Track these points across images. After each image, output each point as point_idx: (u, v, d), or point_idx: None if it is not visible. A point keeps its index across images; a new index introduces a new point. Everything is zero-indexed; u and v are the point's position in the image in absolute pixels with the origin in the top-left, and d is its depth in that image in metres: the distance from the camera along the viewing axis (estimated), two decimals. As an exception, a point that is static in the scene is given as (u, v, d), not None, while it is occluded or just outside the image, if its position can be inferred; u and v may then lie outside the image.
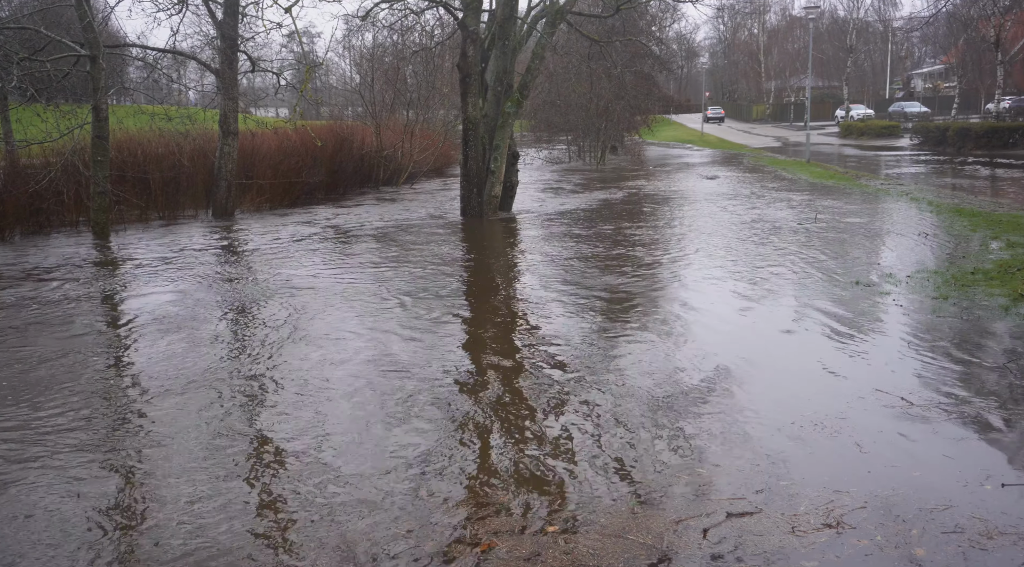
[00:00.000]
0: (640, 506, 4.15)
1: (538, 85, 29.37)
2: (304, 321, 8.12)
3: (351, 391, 6.02)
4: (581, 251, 12.10)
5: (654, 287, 9.60)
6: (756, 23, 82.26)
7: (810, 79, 34.42)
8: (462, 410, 5.63)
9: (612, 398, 5.75)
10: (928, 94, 68.68)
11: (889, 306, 8.15)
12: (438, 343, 7.30)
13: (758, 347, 7.01)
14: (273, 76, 19.55)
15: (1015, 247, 10.77)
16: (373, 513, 4.15)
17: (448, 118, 29.73)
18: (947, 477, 4.40)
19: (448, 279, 10.27)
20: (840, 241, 12.07)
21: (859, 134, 44.99)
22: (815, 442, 4.90)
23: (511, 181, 17.37)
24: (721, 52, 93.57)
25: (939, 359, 6.43)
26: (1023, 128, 32.52)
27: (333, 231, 14.76)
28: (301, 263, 11.44)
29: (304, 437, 5.15)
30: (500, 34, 16.27)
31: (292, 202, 19.43)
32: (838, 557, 3.63)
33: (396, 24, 22.93)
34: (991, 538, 3.77)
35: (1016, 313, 7.63)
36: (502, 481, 4.51)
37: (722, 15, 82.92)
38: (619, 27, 26.60)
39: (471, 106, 16.25)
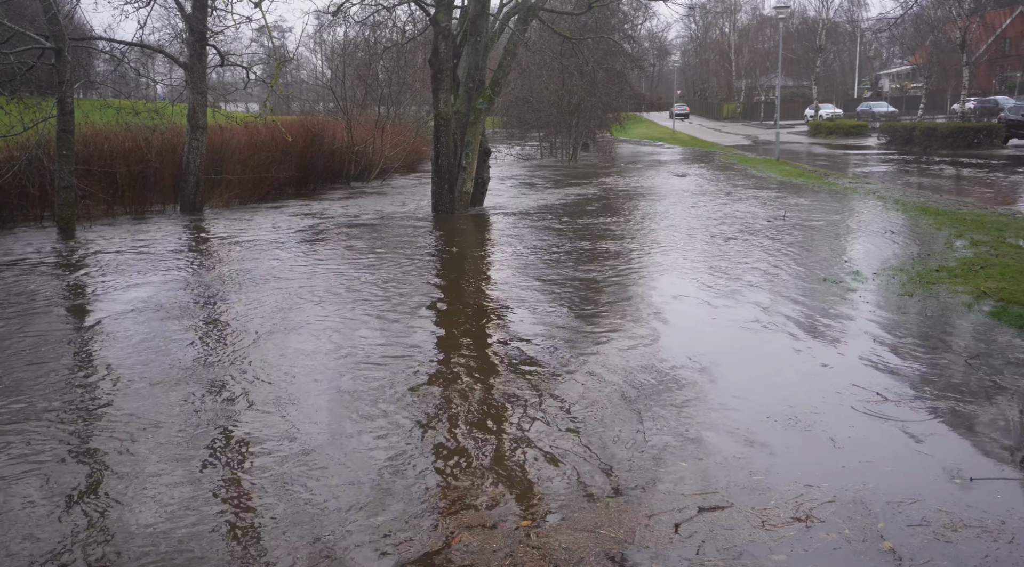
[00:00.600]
0: (614, 501, 4.16)
1: (510, 82, 29.38)
2: (273, 317, 8.05)
3: (321, 387, 5.98)
4: (552, 247, 12.11)
5: (625, 283, 9.64)
6: (727, 22, 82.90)
7: (780, 78, 34.73)
8: (433, 406, 5.61)
9: (584, 394, 5.76)
10: (895, 94, 69.62)
11: (856, 303, 8.25)
12: (409, 339, 7.27)
13: (728, 343, 7.05)
14: (243, 70, 19.36)
15: (978, 245, 10.95)
16: (342, 507, 4.12)
17: (420, 114, 29.65)
18: (918, 472, 4.45)
19: (419, 275, 10.23)
20: (808, 238, 12.19)
21: (828, 133, 45.48)
22: (789, 437, 4.94)
23: (483, 177, 17.35)
24: (692, 50, 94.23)
25: (906, 355, 6.51)
26: (987, 128, 33.05)
27: (303, 227, 14.65)
28: (270, 259, 11.34)
29: (273, 431, 5.10)
30: (472, 30, 16.23)
31: (262, 198, 19.26)
32: (806, 551, 3.67)
33: (367, 19, 22.79)
34: (956, 531, 3.82)
35: (978, 310, 7.75)
36: (473, 476, 4.50)
37: (693, 14, 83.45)
38: (591, 24, 26.67)
39: (443, 102, 16.19)
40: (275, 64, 16.71)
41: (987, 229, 12.23)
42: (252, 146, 19.12)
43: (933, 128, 33.84)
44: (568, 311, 8.30)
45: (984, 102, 45.60)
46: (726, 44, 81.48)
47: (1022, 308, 7.55)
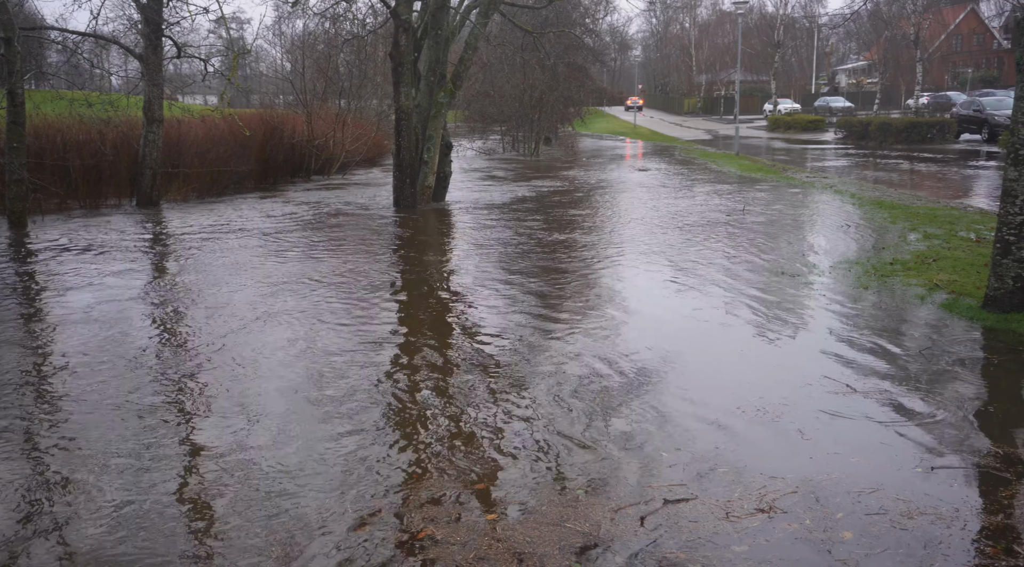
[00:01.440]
0: (581, 494, 4.18)
1: (472, 75, 29.27)
2: (231, 314, 7.95)
3: (281, 383, 5.92)
4: (514, 241, 12.12)
5: (588, 276, 9.67)
6: (687, 17, 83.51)
7: (739, 73, 35.09)
8: (396, 402, 5.59)
9: (548, 387, 5.77)
10: (852, 89, 70.76)
11: (814, 295, 8.37)
12: (371, 334, 7.23)
13: (690, 335, 7.12)
14: (200, 62, 19.05)
15: (931, 239, 11.17)
16: (303, 501, 4.09)
17: (381, 108, 29.44)
18: (882, 461, 4.53)
19: (381, 269, 10.17)
20: (767, 232, 12.34)
21: (786, 128, 46.08)
22: (756, 429, 5.00)
23: (444, 171, 17.29)
24: (653, 45, 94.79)
25: (864, 347, 6.63)
26: (941, 123, 33.72)
27: (262, 221, 14.48)
28: (228, 254, 11.19)
29: (234, 429, 5.04)
30: (433, 24, 16.16)
31: (220, 192, 18.99)
32: (768, 541, 3.72)
33: (327, 11, 22.56)
34: (911, 518, 3.90)
35: (931, 301, 7.91)
36: (439, 471, 4.49)
37: (654, 8, 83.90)
38: (552, 18, 26.70)
39: (404, 96, 16.10)
40: (233, 56, 16.47)
41: (939, 223, 12.49)
42: (210, 139, 18.84)
43: (888, 123, 34.44)
44: (530, 304, 8.31)
45: (937, 98, 46.57)
46: (686, 39, 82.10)
47: (973, 300, 7.72)
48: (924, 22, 47.22)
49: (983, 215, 13.39)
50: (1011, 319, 7.10)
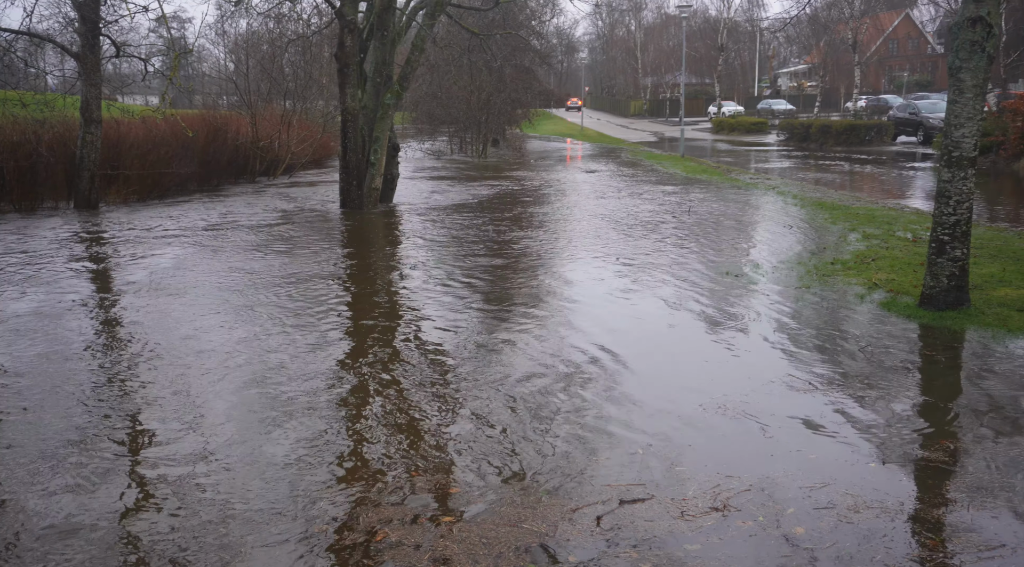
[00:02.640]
0: (540, 495, 4.19)
1: (419, 77, 29.16)
2: (173, 320, 7.78)
3: (226, 391, 5.81)
4: (462, 243, 12.09)
5: (537, 277, 9.70)
6: (633, 20, 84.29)
7: (684, 76, 35.54)
8: (346, 405, 5.53)
9: (502, 389, 5.76)
10: (793, 92, 72.21)
11: (758, 295, 8.51)
12: (319, 338, 7.14)
13: (640, 335, 7.17)
14: (140, 62, 18.64)
15: (870, 239, 11.45)
16: (254, 508, 4.01)
17: (327, 109, 29.16)
18: (838, 457, 4.62)
19: (327, 272, 10.06)
20: (712, 233, 12.52)
21: (730, 130, 46.82)
22: (711, 426, 5.06)
23: (392, 173, 17.18)
24: (600, 48, 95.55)
25: (807, 345, 6.76)
26: (878, 126, 34.60)
27: (205, 224, 14.22)
28: (170, 258, 10.96)
29: (179, 433, 4.93)
30: (379, 24, 16.05)
31: (162, 194, 18.60)
32: (721, 539, 3.76)
33: (271, 11, 22.29)
34: (858, 512, 3.99)
35: (870, 300, 8.11)
36: (394, 474, 4.45)
37: (600, 11, 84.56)
38: (499, 20, 26.74)
39: (350, 97, 15.96)
40: (174, 56, 16.13)
41: (878, 223, 12.81)
42: (151, 140, 18.43)
43: (828, 125, 35.22)
44: (479, 305, 8.30)
45: (874, 101, 47.80)
46: (632, 42, 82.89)
47: (910, 298, 7.93)
48: (861, 27, 48.39)
49: (919, 215, 13.77)
50: (946, 317, 7.31)
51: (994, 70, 34.52)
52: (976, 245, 9.87)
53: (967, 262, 7.52)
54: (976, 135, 7.34)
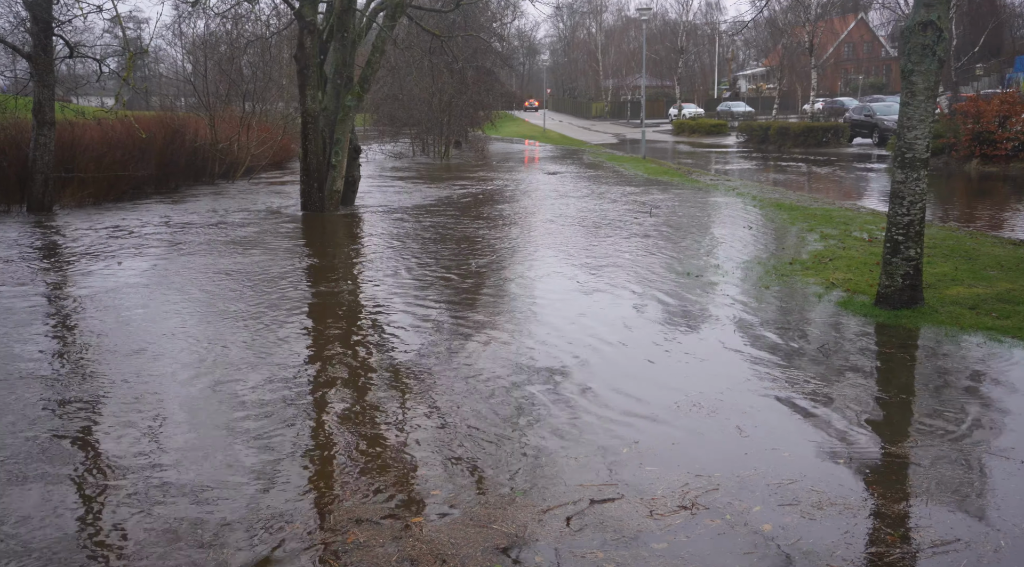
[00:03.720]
0: (512, 496, 4.20)
1: (380, 79, 29.00)
2: (130, 326, 7.66)
3: (187, 396, 5.72)
4: (425, 246, 12.06)
5: (501, 280, 9.70)
6: (594, 22, 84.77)
7: (644, 78, 35.80)
8: (310, 410, 5.47)
9: (471, 391, 5.75)
10: (752, 94, 73.11)
11: (718, 295, 8.60)
12: (280, 343, 7.07)
13: (604, 335, 7.17)
14: (95, 63, 18.30)
15: (827, 239, 11.63)
16: (222, 512, 3.96)
17: (287, 111, 28.89)
18: (809, 455, 4.69)
19: (288, 276, 9.96)
20: (673, 234, 12.63)
21: (691, 132, 47.25)
22: (684, 426, 5.10)
23: (353, 175, 17.08)
24: (561, 50, 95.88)
25: (767, 345, 6.85)
26: (835, 128, 35.16)
27: (163, 227, 14.00)
28: (126, 262, 10.77)
29: (142, 441, 4.85)
30: (339, 26, 15.94)
31: (119, 197, 18.26)
32: (688, 537, 3.80)
33: (229, 12, 22.00)
34: (822, 508, 4.05)
35: (828, 299, 8.24)
36: (361, 475, 4.42)
37: (561, 14, 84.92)
38: (460, 22, 26.71)
39: (310, 99, 15.83)
40: (129, 56, 15.85)
41: (835, 223, 13.02)
42: (106, 142, 18.09)
43: (786, 127, 35.70)
44: (443, 311, 8.28)
45: (831, 103, 48.57)
46: (593, 44, 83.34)
47: (866, 297, 8.07)
48: (817, 31, 49.15)
49: (875, 215, 14.02)
50: (901, 315, 7.45)
51: (945, 73, 35.27)
52: (929, 245, 10.08)
53: (921, 261, 7.68)
54: (928, 137, 7.50)
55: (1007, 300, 7.82)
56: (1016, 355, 6.39)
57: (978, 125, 23.08)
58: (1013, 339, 6.70)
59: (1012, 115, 22.87)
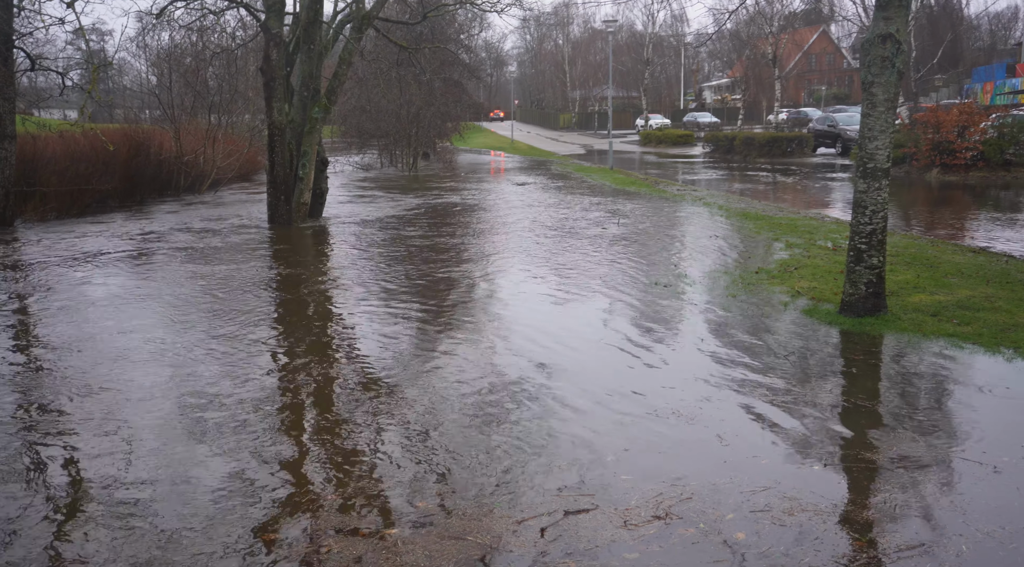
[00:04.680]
0: (487, 507, 4.20)
1: (348, 91, 28.95)
2: (95, 341, 7.54)
3: (154, 413, 5.64)
4: (394, 258, 12.03)
5: (470, 289, 9.70)
6: (560, 34, 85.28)
7: (611, 89, 36.07)
8: (281, 423, 5.43)
9: (443, 402, 5.74)
10: (718, 105, 73.93)
11: (687, 305, 8.68)
12: (248, 358, 7.00)
13: (576, 346, 7.18)
14: (57, 75, 18.07)
15: (792, 248, 11.78)
16: (195, 527, 3.91)
17: (254, 123, 28.69)
18: (786, 461, 4.75)
19: (255, 290, 9.89)
20: (641, 244, 12.72)
21: (657, 142, 47.65)
22: (655, 434, 5.12)
23: (321, 188, 17.00)
24: (528, 61, 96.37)
25: (736, 353, 6.91)
26: (799, 138, 35.67)
27: (127, 242, 13.83)
28: (90, 277, 10.62)
29: (110, 456, 4.77)
30: (305, 38, 15.90)
31: (82, 211, 18.01)
32: (661, 547, 3.82)
33: (194, 24, 21.85)
34: (792, 515, 4.09)
35: (794, 308, 8.34)
36: (335, 487, 4.39)
37: (528, 26, 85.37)
38: (427, 34, 26.74)
39: (276, 111, 15.75)
40: (92, 69, 15.67)
41: (800, 232, 13.19)
42: (70, 156, 17.84)
43: (751, 138, 36.16)
44: (412, 318, 8.26)
45: (795, 114, 49.27)
46: (560, 55, 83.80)
47: (831, 305, 8.19)
48: (780, 42, 49.88)
49: (839, 224, 14.23)
50: (865, 323, 7.57)
51: (905, 84, 35.94)
52: (892, 253, 10.25)
53: (884, 269, 7.80)
54: (889, 147, 7.64)
55: (967, 307, 7.97)
56: (977, 361, 6.52)
57: (938, 135, 23.54)
58: (973, 345, 6.83)
59: (970, 125, 23.37)
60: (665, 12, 77.63)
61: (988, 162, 22.98)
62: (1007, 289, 8.71)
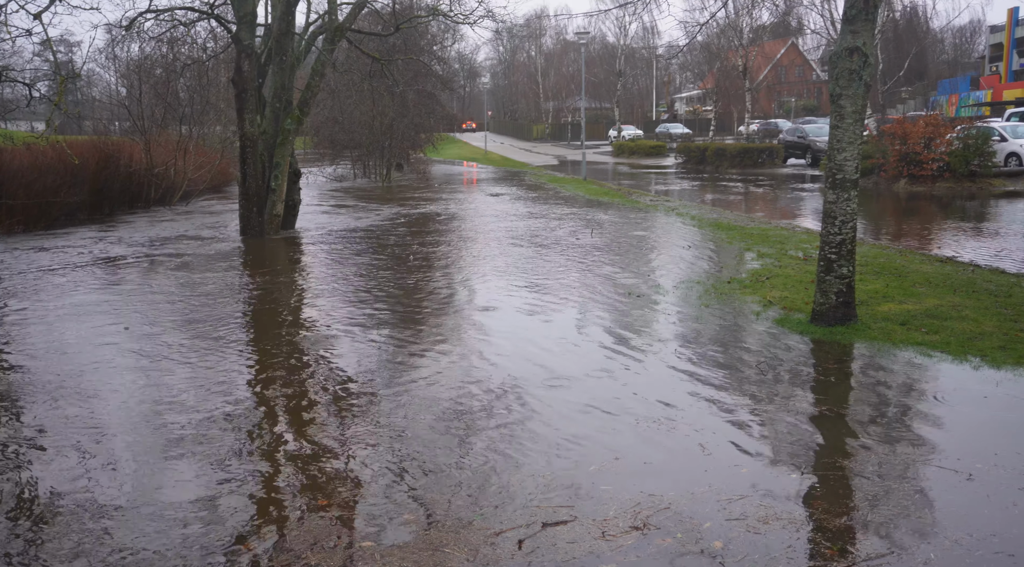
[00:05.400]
0: (465, 520, 4.18)
1: (320, 102, 28.86)
2: (65, 356, 7.43)
3: (126, 427, 5.56)
4: (368, 270, 11.98)
5: (445, 301, 9.68)
6: (533, 46, 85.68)
7: (584, 101, 36.28)
8: (253, 436, 5.37)
9: (419, 414, 5.71)
10: (689, 116, 74.60)
11: (660, 314, 8.72)
12: (221, 372, 6.92)
13: (552, 356, 7.17)
14: (24, 87, 17.84)
15: (764, 257, 11.90)
16: (167, 541, 3.85)
17: (226, 134, 28.51)
18: (762, 470, 4.78)
19: (228, 302, 9.80)
20: (614, 254, 12.77)
21: (630, 153, 47.98)
22: (630, 445, 5.13)
23: (293, 199, 16.92)
24: (502, 72, 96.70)
25: (710, 362, 6.95)
26: (770, 149, 36.08)
27: (97, 255, 13.66)
28: (58, 291, 10.48)
29: (83, 473, 4.69)
30: (277, 49, 15.84)
31: (50, 224, 17.76)
32: (638, 558, 3.82)
33: (164, 35, 21.69)
34: (767, 523, 4.12)
35: (766, 317, 8.41)
36: (313, 501, 4.34)
37: (501, 37, 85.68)
38: (400, 46, 26.73)
39: (248, 122, 15.67)
40: (60, 81, 15.48)
41: (771, 242, 13.32)
42: (37, 168, 17.59)
43: (723, 149, 36.53)
44: (386, 331, 8.22)
45: (765, 125, 49.83)
46: (533, 67, 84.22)
47: (802, 315, 8.27)
48: (750, 54, 50.46)
49: (809, 234, 14.39)
50: (835, 332, 7.65)
51: (872, 96, 36.49)
52: (861, 262, 10.38)
53: (853, 279, 7.90)
54: (857, 158, 7.74)
55: (935, 316, 8.08)
56: (945, 369, 6.60)
57: (905, 146, 23.91)
58: (941, 353, 6.92)
59: (936, 137, 23.76)
60: (637, 24, 78.43)
61: (954, 173, 23.37)
62: (973, 298, 8.84)
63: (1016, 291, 9.20)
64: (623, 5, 14.74)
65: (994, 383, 6.21)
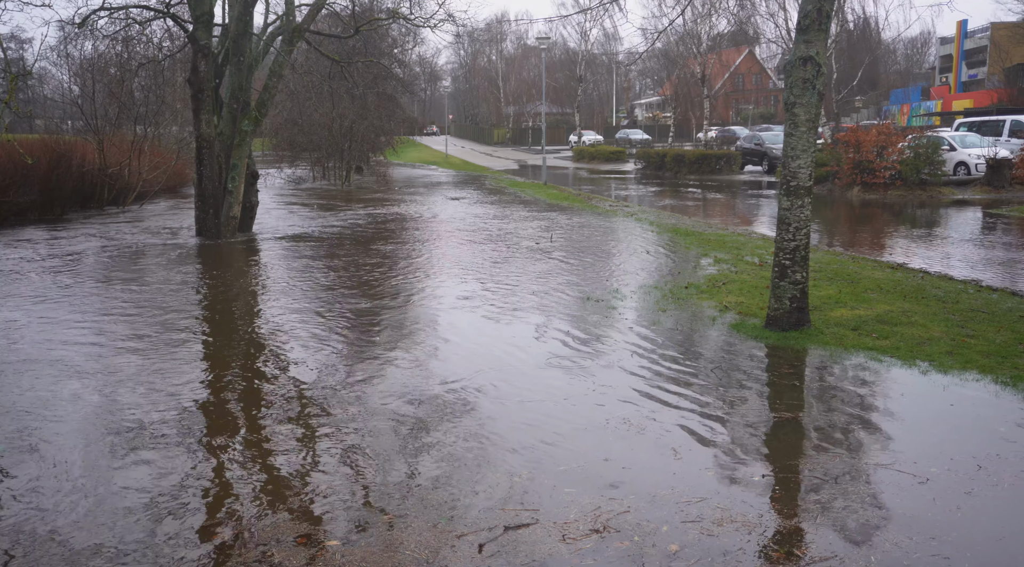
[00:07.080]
0: (430, 521, 4.18)
1: (279, 103, 28.58)
2: (11, 362, 7.27)
3: (78, 437, 5.46)
4: (325, 273, 11.89)
5: (403, 307, 9.64)
6: (494, 50, 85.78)
7: (545, 106, 36.39)
8: (209, 442, 5.30)
9: (379, 420, 5.68)
10: (649, 123, 75.26)
11: (618, 319, 8.78)
12: (175, 377, 6.82)
13: (510, 362, 7.20)
14: (-28, 84, 17.40)
15: (721, 263, 12.05)
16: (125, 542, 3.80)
17: (182, 135, 28.08)
18: (717, 473, 4.84)
19: (182, 306, 9.65)
20: (573, 259, 12.83)
21: (590, 158, 48.24)
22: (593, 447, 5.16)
23: (251, 201, 16.73)
24: (462, 77, 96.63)
25: (666, 367, 7.02)
26: (727, 156, 36.50)
27: (46, 257, 13.37)
28: (4, 295, 10.24)
29: (34, 482, 4.59)
30: (235, 50, 15.67)
31: (-1, 224, 17.37)
32: (596, 560, 3.84)
33: (119, 34, 21.28)
34: (721, 525, 4.17)
35: (722, 322, 8.52)
36: (273, 503, 4.30)
37: (462, 41, 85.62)
38: (360, 48, 26.57)
39: (204, 123, 15.47)
40: (10, 78, 15.14)
41: (728, 248, 13.49)
42: (-16, 168, 17.20)
43: (681, 155, 36.86)
44: (343, 335, 8.18)
45: (723, 132, 50.48)
46: (494, 71, 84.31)
47: (757, 320, 8.39)
48: (708, 62, 51.07)
49: (765, 240, 14.61)
50: (789, 337, 7.77)
51: (827, 105, 37.14)
52: (815, 269, 10.56)
53: (807, 285, 8.04)
54: (811, 166, 7.88)
55: (885, 321, 8.26)
56: (894, 373, 6.75)
57: (858, 154, 24.36)
58: (891, 358, 7.07)
59: (888, 145, 24.25)
60: (597, 30, 78.90)
61: (905, 181, 23.87)
62: (922, 304, 9.05)
63: (963, 297, 9.44)
64: (584, 11, 14.84)
65: (941, 387, 6.36)
